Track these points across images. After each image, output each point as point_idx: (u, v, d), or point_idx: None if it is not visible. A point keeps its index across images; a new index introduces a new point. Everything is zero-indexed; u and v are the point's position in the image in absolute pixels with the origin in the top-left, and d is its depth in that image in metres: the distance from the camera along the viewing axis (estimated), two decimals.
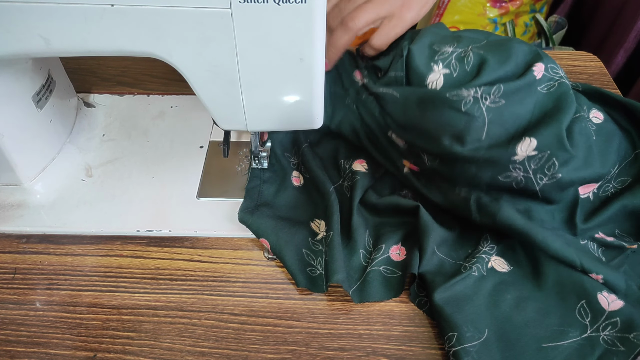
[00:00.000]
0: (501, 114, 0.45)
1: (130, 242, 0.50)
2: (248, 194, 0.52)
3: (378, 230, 0.51)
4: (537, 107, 0.46)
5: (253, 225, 0.49)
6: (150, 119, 0.62)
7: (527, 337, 0.42)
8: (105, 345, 0.43)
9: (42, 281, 0.47)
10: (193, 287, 0.47)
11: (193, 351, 0.43)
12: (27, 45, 0.40)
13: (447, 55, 0.48)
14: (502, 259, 0.48)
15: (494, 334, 0.43)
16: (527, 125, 0.46)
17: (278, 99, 0.44)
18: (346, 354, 0.43)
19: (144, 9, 0.37)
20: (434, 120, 0.47)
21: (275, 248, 0.48)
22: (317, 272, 0.47)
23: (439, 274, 0.46)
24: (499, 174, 0.46)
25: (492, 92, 0.45)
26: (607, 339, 0.42)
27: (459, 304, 0.44)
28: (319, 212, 0.52)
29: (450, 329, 0.42)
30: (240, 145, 0.58)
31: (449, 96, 0.45)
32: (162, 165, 0.56)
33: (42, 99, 0.52)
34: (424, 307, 0.46)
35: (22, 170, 0.52)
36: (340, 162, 0.56)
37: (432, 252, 0.47)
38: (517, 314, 0.44)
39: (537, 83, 0.47)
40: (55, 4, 0.37)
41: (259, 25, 0.37)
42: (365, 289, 0.46)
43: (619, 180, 0.51)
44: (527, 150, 0.45)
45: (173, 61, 0.40)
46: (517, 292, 0.45)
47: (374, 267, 0.47)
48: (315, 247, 0.49)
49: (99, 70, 0.68)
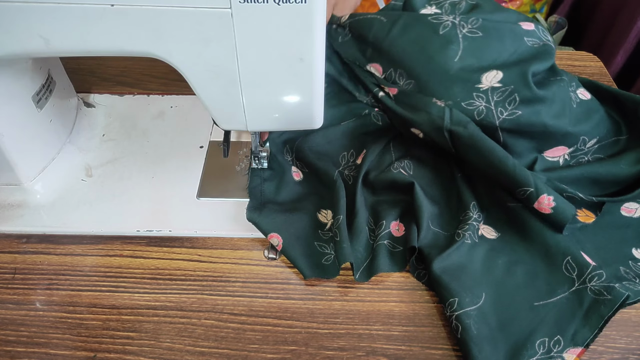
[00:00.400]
0: (477, 46, 0.50)
1: (130, 242, 0.50)
2: (251, 194, 0.52)
3: (376, 208, 0.52)
4: (517, 53, 0.50)
5: (262, 222, 0.49)
6: (150, 119, 0.62)
7: (519, 298, 0.45)
8: (105, 345, 0.43)
9: (42, 281, 0.47)
10: (193, 287, 0.47)
11: (193, 351, 0.43)
12: (27, 45, 0.40)
13: (442, 2, 0.55)
14: (490, 227, 0.50)
15: (490, 297, 0.45)
16: (500, 64, 0.50)
17: (278, 99, 0.44)
18: (346, 353, 0.43)
19: (144, 9, 0.37)
20: (413, 39, 0.52)
21: (287, 243, 0.48)
22: (332, 257, 0.48)
23: (435, 246, 0.48)
24: (463, 100, 0.49)
25: (469, 21, 0.51)
26: (594, 289, 0.44)
27: (454, 273, 0.46)
28: (325, 202, 0.52)
29: (451, 295, 0.44)
30: (240, 145, 0.58)
31: (430, 18, 0.52)
32: (162, 165, 0.56)
33: (42, 99, 0.52)
34: (423, 279, 0.47)
35: (22, 170, 0.52)
36: (341, 155, 0.56)
37: (427, 226, 0.49)
38: (509, 278, 0.46)
39: (525, 33, 0.51)
40: (55, 4, 0.37)
41: (259, 25, 0.37)
42: (374, 264, 0.47)
43: (595, 157, 0.52)
44: (492, 81, 0.48)
45: (173, 61, 0.40)
46: (506, 257, 0.48)
47: (380, 242, 0.48)
48: (326, 236, 0.50)
49: (99, 70, 0.68)
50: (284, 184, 0.54)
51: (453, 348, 0.43)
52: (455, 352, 0.43)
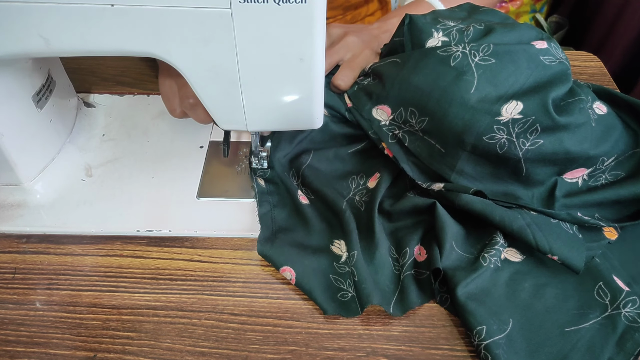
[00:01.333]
0: (492, 72, 0.47)
1: (130, 242, 0.50)
2: (262, 222, 0.50)
3: (395, 235, 0.49)
4: (533, 75, 0.48)
5: (274, 256, 0.47)
6: (150, 118, 0.62)
7: (549, 323, 0.43)
8: (105, 345, 0.43)
9: (42, 281, 0.47)
10: (193, 287, 0.47)
11: (193, 351, 0.43)
12: (27, 45, 0.40)
13: (449, 27, 0.52)
14: (514, 249, 0.48)
15: (518, 322, 0.43)
16: (518, 90, 0.47)
17: (278, 99, 0.44)
18: (346, 354, 0.43)
19: (144, 9, 0.37)
20: (425, 75, 0.50)
21: (301, 277, 0.46)
22: (349, 295, 0.45)
23: (459, 269, 0.46)
24: (484, 135, 0.47)
25: (480, 49, 0.48)
26: (628, 316, 0.42)
27: (479, 298, 0.44)
28: (337, 231, 0.50)
29: (478, 323, 0.42)
30: (240, 145, 0.58)
31: (439, 52, 0.49)
32: (162, 165, 0.56)
33: (42, 99, 0.52)
34: (445, 303, 0.45)
35: (22, 170, 0.52)
36: (351, 179, 0.54)
37: (451, 247, 0.47)
38: (537, 301, 0.44)
39: (539, 52, 0.49)
40: (55, 4, 0.37)
41: (259, 25, 0.37)
42: (405, 298, 0.45)
43: (613, 173, 0.51)
44: (513, 112, 0.46)
45: (173, 61, 0.40)
46: (534, 280, 0.46)
47: (406, 272, 0.46)
48: (342, 270, 0.47)
49: (99, 70, 0.68)
50: (295, 210, 0.52)
51: (453, 348, 0.43)
52: (455, 352, 0.43)
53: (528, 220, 0.46)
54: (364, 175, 0.54)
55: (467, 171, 0.49)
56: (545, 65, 0.48)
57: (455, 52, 0.49)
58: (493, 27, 0.51)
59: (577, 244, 0.46)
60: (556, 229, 0.46)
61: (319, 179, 0.53)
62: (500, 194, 0.49)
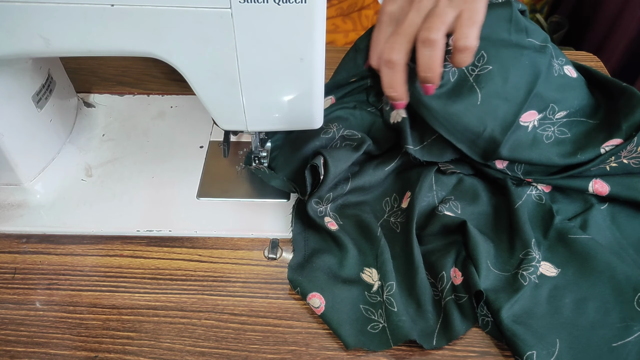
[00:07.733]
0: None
1: (130, 242, 0.50)
2: (295, 243, 0.49)
3: (428, 259, 0.47)
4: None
5: (303, 284, 0.46)
6: (150, 119, 0.62)
7: (595, 339, 0.42)
8: (105, 345, 0.43)
9: (42, 281, 0.47)
10: (193, 287, 0.47)
11: (193, 351, 0.43)
12: (27, 45, 0.40)
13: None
14: (549, 263, 0.47)
15: (565, 342, 0.42)
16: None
17: (278, 99, 0.44)
18: (346, 354, 0.43)
19: (144, 9, 0.37)
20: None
21: (331, 306, 0.44)
22: (379, 326, 0.43)
23: (499, 290, 0.44)
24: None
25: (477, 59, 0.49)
26: None
27: (525, 321, 0.43)
28: (368, 259, 0.48)
29: (529, 348, 0.41)
30: (240, 145, 0.58)
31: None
32: (162, 165, 0.56)
33: (42, 99, 0.52)
34: (487, 327, 0.44)
35: (22, 170, 0.52)
36: (384, 201, 0.53)
37: (487, 267, 0.45)
38: (580, 317, 0.43)
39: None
40: (55, 4, 0.37)
41: (259, 25, 0.37)
42: (449, 326, 0.43)
43: (560, 129, 0.51)
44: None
45: (173, 61, 0.40)
46: (573, 295, 0.45)
47: (447, 298, 0.44)
48: (374, 300, 0.45)
49: (99, 70, 0.68)
50: (325, 235, 0.50)
51: (453, 348, 0.43)
52: (455, 353, 0.43)
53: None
54: (397, 197, 0.53)
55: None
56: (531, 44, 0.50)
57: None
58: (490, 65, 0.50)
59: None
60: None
61: (352, 204, 0.52)
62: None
